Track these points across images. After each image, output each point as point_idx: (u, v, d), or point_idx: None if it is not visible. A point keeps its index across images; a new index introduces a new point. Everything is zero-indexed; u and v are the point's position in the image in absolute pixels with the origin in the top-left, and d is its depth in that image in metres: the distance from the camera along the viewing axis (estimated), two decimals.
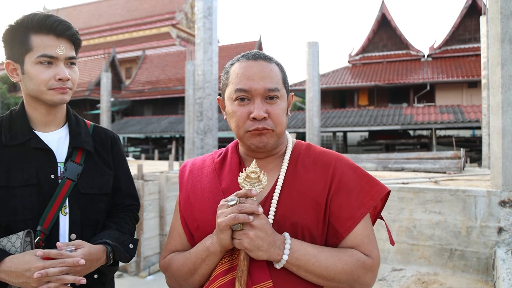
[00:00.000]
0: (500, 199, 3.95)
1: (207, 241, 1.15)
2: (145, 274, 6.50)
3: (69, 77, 1.39)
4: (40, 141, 1.41)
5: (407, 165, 7.89)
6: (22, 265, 1.19)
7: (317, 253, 1.11)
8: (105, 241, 1.38)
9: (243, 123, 1.19)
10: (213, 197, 1.23)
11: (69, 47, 1.40)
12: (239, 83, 1.19)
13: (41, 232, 1.33)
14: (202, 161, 1.38)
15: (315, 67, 12.94)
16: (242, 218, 1.03)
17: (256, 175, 1.14)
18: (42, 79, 1.36)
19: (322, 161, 1.25)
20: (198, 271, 1.18)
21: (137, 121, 27.49)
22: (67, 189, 1.39)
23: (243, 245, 1.06)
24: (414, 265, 4.30)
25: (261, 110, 1.16)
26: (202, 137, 7.03)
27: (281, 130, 1.21)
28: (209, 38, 6.95)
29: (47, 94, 1.38)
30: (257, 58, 1.22)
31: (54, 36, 1.36)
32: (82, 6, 42.72)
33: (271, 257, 1.08)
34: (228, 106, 1.24)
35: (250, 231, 1.05)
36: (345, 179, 1.21)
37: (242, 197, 1.09)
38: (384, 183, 1.25)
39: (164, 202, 6.81)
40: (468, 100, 22.23)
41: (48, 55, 1.35)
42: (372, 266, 1.16)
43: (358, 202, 1.19)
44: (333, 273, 1.11)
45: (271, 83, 1.18)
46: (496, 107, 4.12)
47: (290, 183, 1.20)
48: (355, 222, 1.17)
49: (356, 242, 1.17)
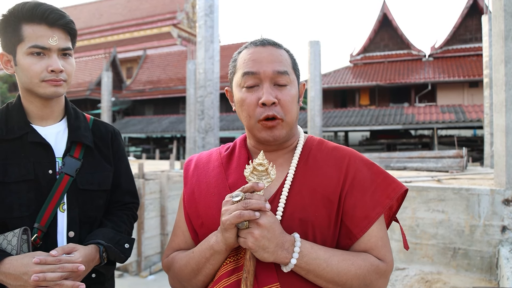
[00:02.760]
0: (504, 198, 3.91)
1: (212, 239, 1.08)
2: (146, 274, 6.47)
3: (62, 69, 1.33)
4: (37, 135, 1.37)
5: (409, 164, 7.85)
6: (20, 267, 1.15)
7: (328, 257, 1.03)
8: (97, 241, 1.34)
9: (253, 111, 1.12)
10: (219, 193, 1.16)
11: (63, 37, 1.35)
12: (246, 67, 1.13)
13: (38, 229, 1.30)
14: (209, 155, 1.31)
15: (316, 66, 12.90)
16: (247, 215, 0.95)
17: (264, 167, 1.05)
18: (34, 71, 1.31)
19: (335, 157, 1.18)
20: (202, 271, 1.11)
21: (138, 120, 27.48)
22: (65, 185, 1.35)
23: (247, 245, 0.98)
24: (417, 264, 4.26)
25: (270, 95, 1.09)
26: (204, 135, 7.00)
27: (291, 119, 1.14)
28: (210, 36, 6.92)
29: (39, 87, 1.33)
30: (266, 44, 1.16)
31: (47, 25, 1.31)
32: (83, 6, 42.70)
33: (278, 260, 1.00)
34: (236, 94, 1.18)
35: (256, 229, 0.97)
36: (359, 176, 1.14)
37: (248, 192, 1.01)
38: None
39: (165, 201, 6.78)
40: (469, 99, 22.21)
41: (39, 46, 1.30)
42: (385, 272, 1.09)
43: (374, 201, 1.11)
44: (345, 279, 1.03)
45: (280, 66, 1.12)
46: (499, 105, 4.08)
47: (300, 179, 1.13)
48: (370, 222, 1.09)
49: (370, 245, 1.10)
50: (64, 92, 1.40)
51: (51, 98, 1.39)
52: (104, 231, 1.40)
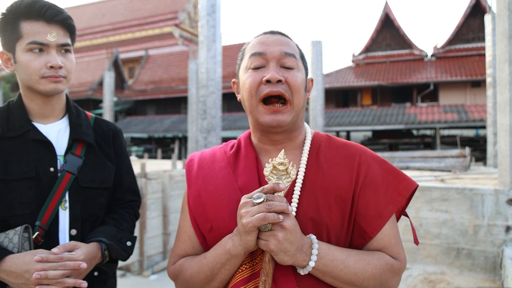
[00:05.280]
0: (508, 197, 3.89)
1: (228, 243, 1.01)
2: (148, 273, 6.46)
3: (61, 65, 1.32)
4: (38, 132, 1.36)
5: (412, 164, 7.83)
6: (21, 265, 1.14)
7: (345, 258, 1.00)
8: (99, 239, 1.33)
9: (255, 88, 1.08)
10: (229, 196, 1.10)
11: (61, 33, 1.34)
12: (253, 49, 1.12)
13: (39, 227, 1.29)
14: (212, 154, 1.25)
15: (318, 66, 12.88)
16: (272, 218, 0.90)
17: (285, 166, 0.99)
18: (33, 67, 1.30)
19: (345, 154, 1.14)
20: (217, 277, 1.05)
21: (140, 120, 27.51)
22: (66, 183, 1.34)
23: (269, 247, 0.94)
24: (420, 264, 4.23)
25: (276, 73, 1.06)
26: (206, 135, 6.99)
27: (298, 101, 1.10)
28: (212, 35, 6.91)
29: (39, 83, 1.32)
30: (275, 33, 1.17)
31: (44, 22, 1.30)
32: (85, 6, 42.80)
33: (296, 263, 0.96)
34: (242, 78, 1.15)
35: (280, 232, 0.92)
36: (371, 173, 1.10)
37: (269, 193, 0.95)
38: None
39: (167, 200, 6.77)
40: (471, 99, 22.16)
41: (38, 42, 1.29)
42: (399, 270, 1.07)
43: (386, 199, 1.08)
44: (362, 279, 1.00)
45: (287, 48, 1.11)
46: (503, 105, 4.06)
47: (312, 178, 1.09)
48: (383, 221, 1.07)
49: (384, 243, 1.07)
50: (64, 88, 1.38)
51: (51, 95, 1.37)
52: (106, 229, 1.39)
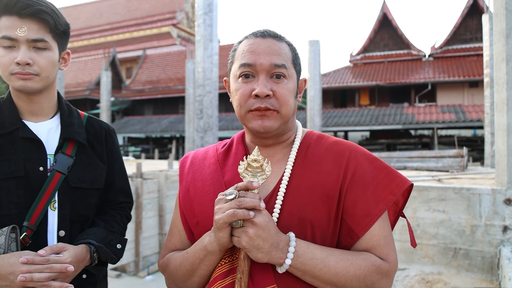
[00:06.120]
0: (505, 197, 3.88)
1: (205, 239, 1.04)
2: (144, 274, 6.43)
3: (28, 61, 1.25)
4: (28, 130, 1.32)
5: (410, 164, 7.82)
6: (6, 267, 1.11)
7: (325, 257, 0.98)
8: (88, 241, 1.30)
9: (244, 101, 1.08)
10: (215, 190, 1.11)
11: (34, 28, 1.27)
12: (243, 59, 1.09)
13: (27, 228, 1.25)
14: (205, 152, 1.27)
15: (316, 66, 12.86)
16: (241, 215, 0.91)
17: (259, 163, 1.00)
18: (2, 63, 1.26)
19: (335, 151, 1.12)
20: (197, 272, 1.07)
21: (138, 120, 27.44)
22: (56, 183, 1.31)
23: (241, 244, 0.94)
24: (417, 265, 4.22)
25: (265, 87, 1.05)
26: (202, 135, 6.96)
27: (287, 112, 1.09)
28: (209, 35, 6.88)
29: (10, 80, 1.28)
30: (266, 35, 1.12)
31: (17, 16, 1.25)
32: (82, 6, 42.66)
33: (272, 260, 0.96)
34: (232, 85, 1.14)
35: (251, 228, 0.93)
36: (360, 171, 1.08)
37: (242, 190, 0.96)
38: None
39: (163, 200, 6.75)
40: (469, 99, 22.19)
41: (7, 37, 1.24)
42: (388, 272, 1.03)
43: (376, 197, 1.05)
44: (344, 280, 0.98)
45: (277, 59, 1.08)
46: (501, 104, 4.05)
47: (298, 176, 1.08)
48: (372, 220, 1.04)
49: (372, 243, 1.04)
50: (38, 86, 1.31)
51: (24, 92, 1.32)
52: (95, 230, 1.36)
